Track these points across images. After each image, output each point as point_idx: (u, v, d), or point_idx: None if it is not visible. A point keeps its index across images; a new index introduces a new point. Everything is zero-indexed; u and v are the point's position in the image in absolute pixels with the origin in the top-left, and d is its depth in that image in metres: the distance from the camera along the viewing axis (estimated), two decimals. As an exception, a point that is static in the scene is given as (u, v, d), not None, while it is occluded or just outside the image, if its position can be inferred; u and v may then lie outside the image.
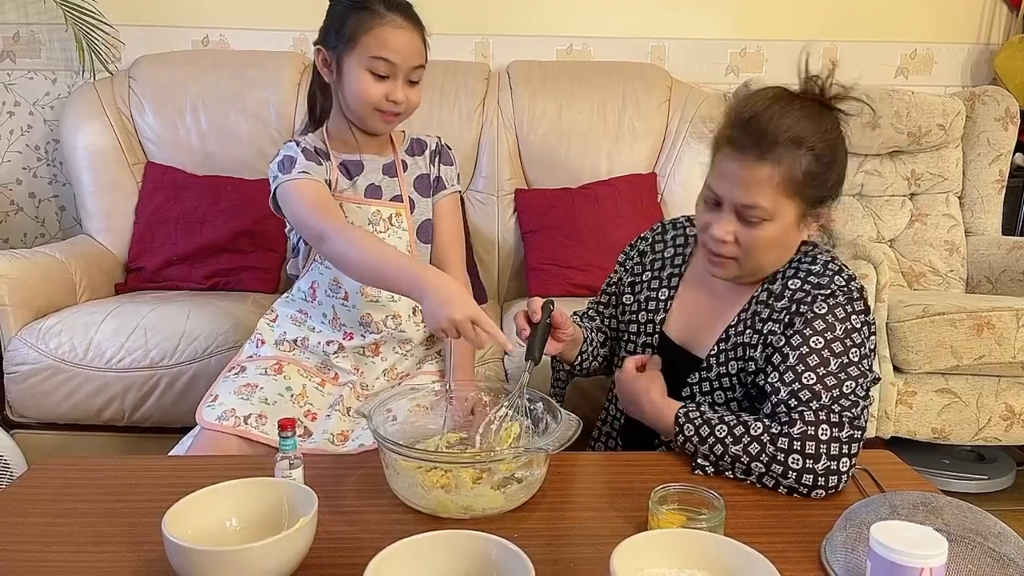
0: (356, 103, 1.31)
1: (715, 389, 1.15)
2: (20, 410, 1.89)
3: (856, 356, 1.03)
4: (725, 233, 1.06)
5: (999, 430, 1.92)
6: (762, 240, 1.05)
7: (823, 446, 0.98)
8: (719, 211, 1.07)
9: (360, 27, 1.27)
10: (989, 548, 0.79)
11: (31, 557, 0.87)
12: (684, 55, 2.65)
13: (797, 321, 1.05)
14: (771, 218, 1.04)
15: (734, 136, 1.04)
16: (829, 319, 1.04)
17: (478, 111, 2.39)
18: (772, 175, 1.01)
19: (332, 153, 1.38)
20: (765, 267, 1.11)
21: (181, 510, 0.82)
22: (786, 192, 1.02)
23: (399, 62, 1.27)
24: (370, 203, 1.38)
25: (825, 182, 1.06)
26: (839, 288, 1.06)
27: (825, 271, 1.08)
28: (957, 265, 2.44)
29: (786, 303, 1.08)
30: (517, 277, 2.35)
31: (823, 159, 1.04)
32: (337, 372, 1.41)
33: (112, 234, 2.32)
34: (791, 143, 1.01)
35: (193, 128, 2.35)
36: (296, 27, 2.58)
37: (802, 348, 1.03)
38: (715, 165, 1.08)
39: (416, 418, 1.13)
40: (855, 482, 1.04)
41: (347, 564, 0.81)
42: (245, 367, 1.38)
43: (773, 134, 1.01)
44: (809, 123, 1.03)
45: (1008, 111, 2.45)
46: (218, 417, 1.26)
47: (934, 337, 1.82)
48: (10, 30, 2.54)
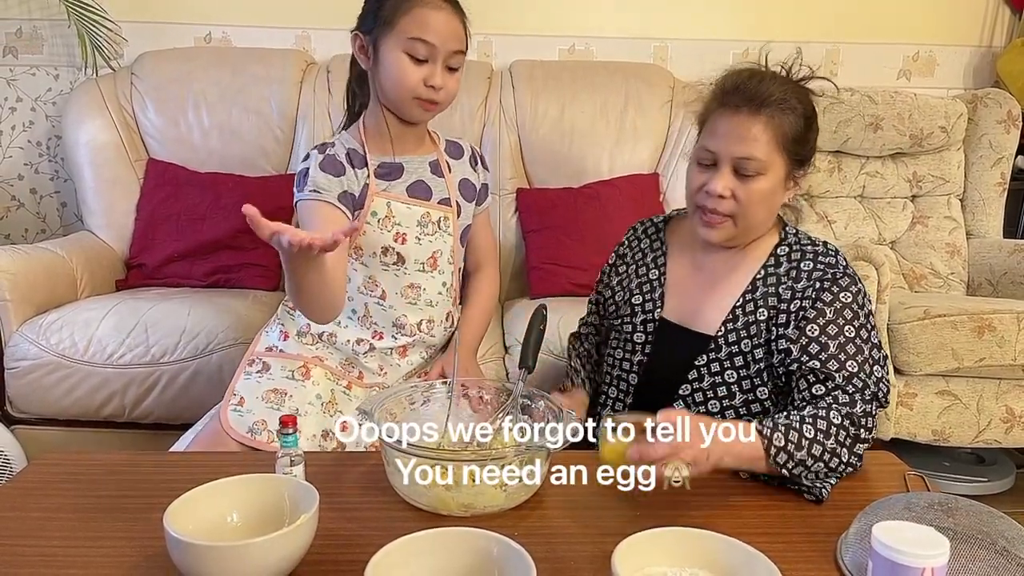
0: (393, 88, 1.26)
1: (725, 369, 1.16)
2: (21, 406, 1.88)
3: (875, 337, 1.11)
4: (723, 188, 1.10)
5: (999, 432, 1.92)
6: (757, 193, 1.11)
7: (861, 419, 1.04)
8: (714, 170, 1.12)
9: (399, 7, 1.23)
10: (1001, 549, 0.78)
11: (31, 552, 0.87)
12: (687, 55, 2.65)
13: (828, 309, 1.09)
14: (765, 171, 1.10)
15: (727, 99, 1.11)
16: (855, 307, 1.10)
17: (480, 110, 2.39)
18: (766, 129, 1.09)
19: (369, 157, 1.33)
20: (756, 226, 1.15)
21: (183, 505, 0.82)
22: (777, 147, 1.10)
23: (439, 43, 1.23)
24: (419, 203, 1.35)
25: (807, 142, 1.13)
26: (847, 269, 1.13)
27: (826, 250, 1.15)
28: (958, 267, 2.43)
29: (807, 286, 1.12)
30: (518, 276, 2.35)
31: (807, 119, 1.12)
32: (363, 372, 1.39)
33: (113, 230, 2.32)
34: (780, 102, 1.09)
35: (195, 125, 2.35)
36: (299, 24, 2.58)
37: (840, 338, 1.08)
38: (708, 128, 1.14)
39: (418, 415, 1.13)
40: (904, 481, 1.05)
41: (348, 561, 0.81)
42: (268, 364, 1.34)
43: (763, 94, 1.09)
44: (790, 89, 1.12)
45: (1010, 114, 2.45)
46: (249, 429, 1.25)
47: (935, 339, 1.82)
48: (13, 26, 2.54)
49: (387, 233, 1.33)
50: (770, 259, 1.17)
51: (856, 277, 1.13)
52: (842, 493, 1.03)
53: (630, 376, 1.25)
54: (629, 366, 1.25)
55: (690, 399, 1.18)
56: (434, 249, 1.36)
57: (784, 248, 1.17)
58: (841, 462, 1.02)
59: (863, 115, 2.39)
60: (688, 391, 1.18)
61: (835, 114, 2.38)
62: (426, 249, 1.36)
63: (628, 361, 1.25)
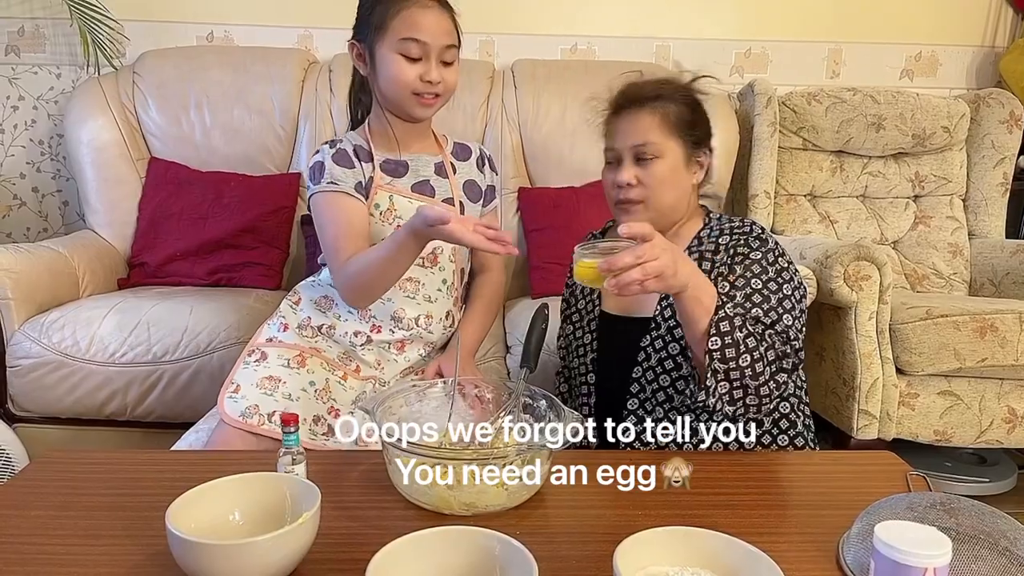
0: (392, 89, 1.31)
1: (668, 343, 1.22)
2: (22, 404, 1.89)
3: (789, 290, 1.17)
4: (629, 176, 1.22)
5: (1001, 433, 1.92)
6: (659, 174, 1.21)
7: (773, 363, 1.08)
8: (619, 166, 1.24)
9: (388, 12, 1.28)
10: (1003, 549, 0.78)
11: (33, 550, 0.87)
12: (688, 55, 2.65)
13: (738, 267, 1.17)
14: (662, 154, 1.21)
15: (616, 105, 1.26)
16: (763, 263, 1.17)
17: (482, 109, 2.39)
18: (653, 117, 1.22)
19: (375, 152, 1.38)
20: (667, 206, 1.24)
21: (184, 504, 0.82)
22: (669, 131, 1.22)
23: (430, 41, 1.28)
24: (421, 198, 1.38)
25: (695, 125, 1.25)
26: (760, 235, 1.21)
27: (743, 224, 1.24)
28: (960, 268, 2.43)
29: (723, 255, 1.20)
30: (520, 275, 2.35)
31: (690, 106, 1.25)
32: (360, 365, 1.40)
33: (115, 229, 2.32)
34: (659, 96, 1.23)
35: (197, 124, 2.36)
36: (301, 24, 2.59)
37: (746, 288, 1.14)
38: (607, 133, 1.28)
39: (419, 414, 1.13)
40: (906, 481, 1.05)
41: (350, 559, 0.81)
42: (266, 353, 1.36)
43: (643, 93, 1.24)
44: (666, 85, 1.26)
45: (1013, 114, 2.44)
46: (242, 414, 1.26)
47: (937, 339, 1.82)
48: (15, 24, 2.54)
49: (388, 226, 1.36)
50: (694, 241, 1.25)
51: (768, 239, 1.21)
52: (843, 493, 1.02)
53: (588, 376, 1.33)
54: (585, 368, 1.33)
55: (643, 379, 1.24)
56: (434, 245, 1.37)
57: (706, 231, 1.26)
58: (767, 362, 1.06)
59: (865, 115, 2.39)
60: (639, 373, 1.24)
61: (837, 114, 2.38)
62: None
63: (584, 365, 1.33)
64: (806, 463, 1.19)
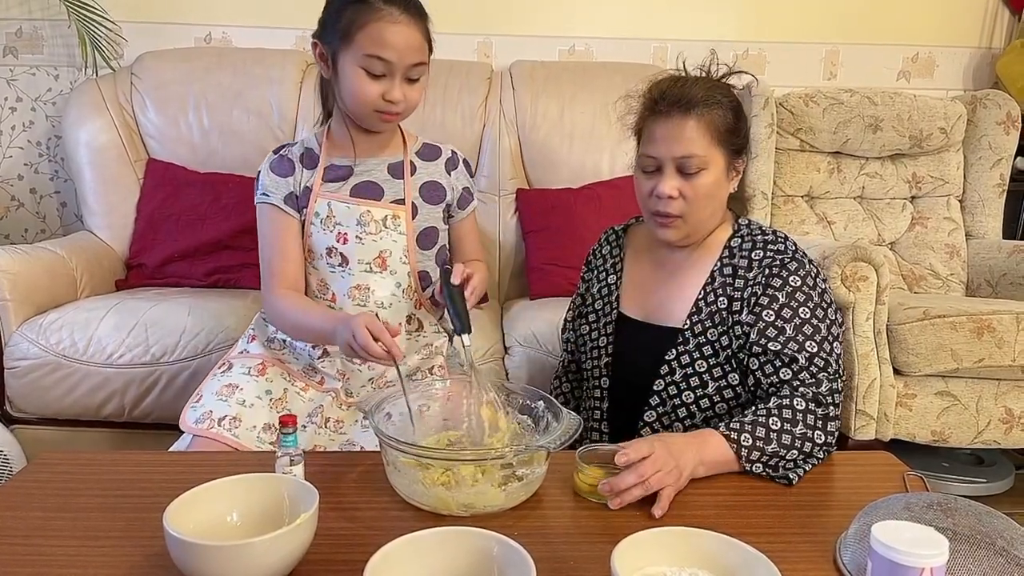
0: (352, 103, 1.27)
1: (695, 359, 1.19)
2: (20, 405, 1.89)
3: (833, 314, 1.16)
4: (671, 188, 1.15)
5: (998, 433, 1.92)
6: (703, 188, 1.16)
7: (827, 398, 1.09)
8: (659, 174, 1.17)
9: (355, 22, 1.21)
10: (1000, 549, 0.79)
11: (31, 551, 0.87)
12: (687, 56, 2.65)
13: (779, 294, 1.15)
14: (707, 166, 1.15)
15: (657, 107, 1.17)
16: (806, 290, 1.15)
17: (480, 111, 2.39)
18: (699, 126, 1.14)
19: (322, 156, 1.36)
20: (706, 220, 1.20)
21: (182, 505, 0.82)
22: (713, 141, 1.15)
23: (395, 60, 1.22)
24: (360, 203, 1.34)
25: (738, 132, 1.19)
26: (796, 254, 1.19)
27: (776, 238, 1.21)
28: (957, 268, 2.44)
29: (756, 272, 1.17)
30: (518, 277, 2.35)
31: (734, 111, 1.18)
32: (323, 376, 1.39)
33: (113, 230, 2.32)
34: (707, 101, 1.15)
35: (195, 125, 2.35)
36: (299, 25, 2.58)
37: (795, 320, 1.13)
38: (645, 136, 1.20)
39: (417, 414, 1.13)
40: (903, 482, 1.06)
41: (347, 560, 0.81)
42: (232, 364, 1.37)
43: (689, 96, 1.15)
44: (713, 88, 1.18)
45: (1009, 115, 2.45)
46: (196, 420, 1.27)
47: (934, 340, 1.82)
48: (13, 26, 2.54)
49: (330, 234, 1.34)
50: (725, 251, 1.22)
51: (805, 260, 1.18)
52: (841, 493, 1.03)
53: (602, 380, 1.30)
54: (599, 372, 1.30)
55: (664, 393, 1.21)
56: (380, 249, 1.34)
57: (737, 240, 1.22)
58: (815, 444, 1.06)
59: (862, 116, 2.39)
60: (661, 386, 1.21)
61: (834, 115, 2.38)
62: (370, 249, 1.34)
63: (598, 368, 1.31)
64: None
